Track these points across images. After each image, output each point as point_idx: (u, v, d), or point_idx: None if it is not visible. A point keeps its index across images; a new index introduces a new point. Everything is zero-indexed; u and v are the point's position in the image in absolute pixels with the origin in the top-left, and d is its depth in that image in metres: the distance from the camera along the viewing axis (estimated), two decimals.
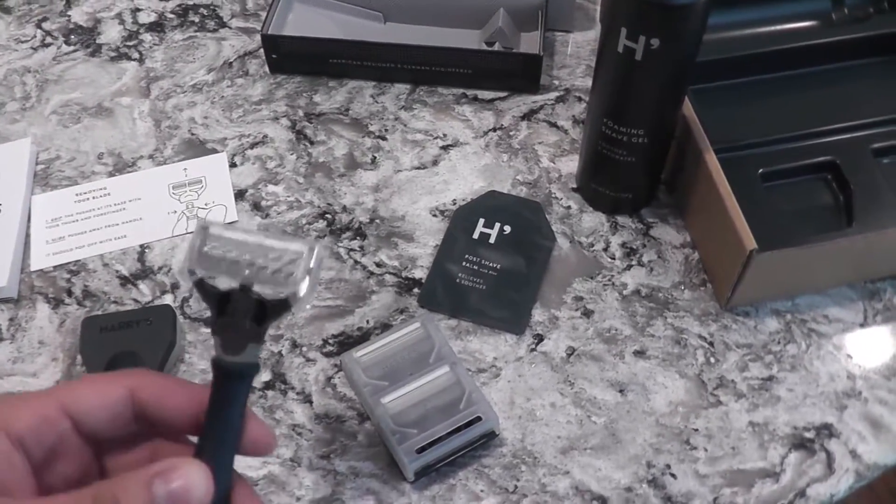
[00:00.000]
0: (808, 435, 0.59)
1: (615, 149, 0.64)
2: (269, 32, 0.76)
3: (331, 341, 0.63)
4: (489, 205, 0.69)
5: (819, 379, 0.62)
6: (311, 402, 0.61)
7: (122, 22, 0.84)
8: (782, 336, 0.63)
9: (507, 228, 0.67)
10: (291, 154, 0.73)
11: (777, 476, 0.58)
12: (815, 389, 0.61)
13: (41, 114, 0.77)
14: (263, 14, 0.84)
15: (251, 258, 0.41)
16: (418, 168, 0.72)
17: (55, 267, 0.67)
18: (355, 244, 0.68)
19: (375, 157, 0.73)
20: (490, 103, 0.77)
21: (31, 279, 0.67)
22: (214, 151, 0.74)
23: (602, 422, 0.60)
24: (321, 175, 0.72)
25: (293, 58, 0.77)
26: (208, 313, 0.63)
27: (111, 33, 0.83)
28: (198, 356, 0.62)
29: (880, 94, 0.73)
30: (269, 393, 0.61)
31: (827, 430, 0.59)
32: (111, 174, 0.72)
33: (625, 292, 0.65)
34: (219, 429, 0.39)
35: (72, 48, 0.82)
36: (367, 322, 0.64)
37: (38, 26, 0.83)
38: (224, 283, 0.41)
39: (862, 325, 0.64)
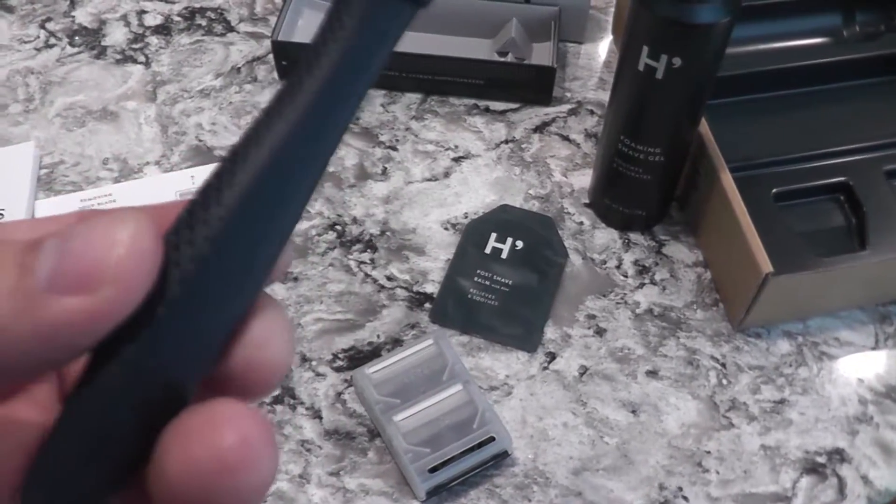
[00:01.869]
0: (820, 459, 0.59)
1: (631, 166, 0.63)
2: (280, 38, 0.75)
3: (341, 356, 0.63)
4: (501, 219, 0.68)
5: (830, 403, 0.61)
6: (320, 418, 0.60)
7: (127, 24, 0.83)
8: (794, 359, 0.63)
9: (520, 244, 0.67)
10: None
11: (788, 500, 0.57)
12: (826, 413, 0.61)
13: (45, 116, 0.76)
14: (272, 18, 0.83)
15: None
16: (429, 180, 0.72)
17: None
18: (366, 257, 0.67)
19: (386, 168, 0.72)
20: (502, 115, 0.76)
21: None
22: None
23: (614, 442, 0.59)
24: (331, 185, 0.71)
25: None
26: None
27: (116, 35, 0.82)
28: None
29: (892, 114, 0.73)
30: (278, 408, 0.60)
31: (838, 455, 0.59)
32: (117, 180, 0.71)
33: (637, 311, 0.65)
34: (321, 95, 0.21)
35: (76, 50, 0.81)
36: (378, 337, 0.63)
37: (42, 27, 0.82)
38: None
39: (873, 349, 0.64)
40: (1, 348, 0.19)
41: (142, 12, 0.84)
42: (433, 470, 0.55)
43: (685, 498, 0.57)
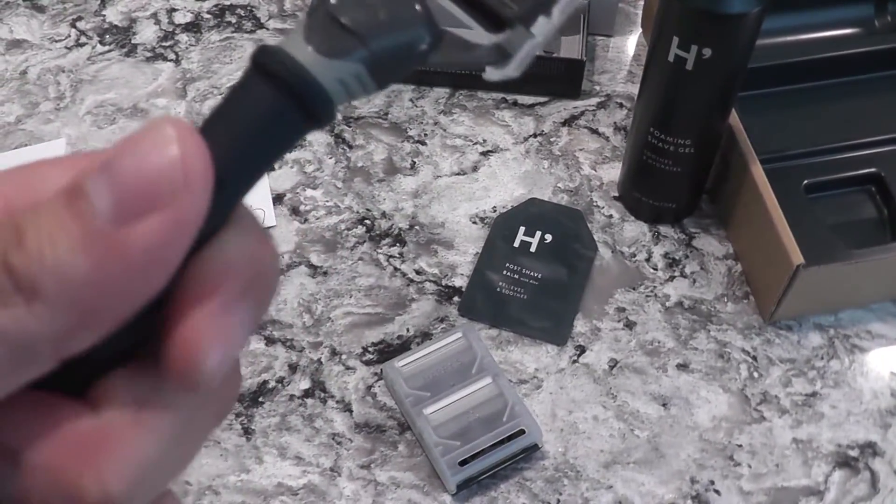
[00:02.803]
0: (852, 453, 0.59)
1: (661, 158, 0.63)
2: None
3: (370, 349, 0.63)
4: (530, 212, 0.68)
5: (862, 396, 0.61)
6: (351, 411, 0.60)
7: (157, 22, 0.83)
8: (825, 351, 0.63)
9: (549, 237, 0.67)
10: (330, 158, 0.73)
11: (821, 494, 0.57)
12: (858, 407, 0.61)
13: (75, 114, 0.76)
14: (301, 15, 0.83)
15: None
16: (458, 174, 0.72)
17: None
18: (395, 251, 0.67)
19: (415, 163, 0.72)
20: (530, 108, 0.76)
21: None
22: None
23: (645, 436, 0.59)
24: (360, 180, 0.71)
25: None
26: None
27: (147, 33, 0.82)
28: None
29: None
30: (309, 401, 0.60)
31: (871, 449, 0.59)
32: None
33: (667, 304, 0.65)
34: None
35: (107, 48, 0.81)
36: (407, 330, 0.63)
37: (73, 25, 0.83)
38: None
39: None
40: (104, 299, 0.19)
41: (172, 10, 0.84)
42: (463, 463, 0.56)
43: (717, 492, 0.57)
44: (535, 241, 0.67)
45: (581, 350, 0.63)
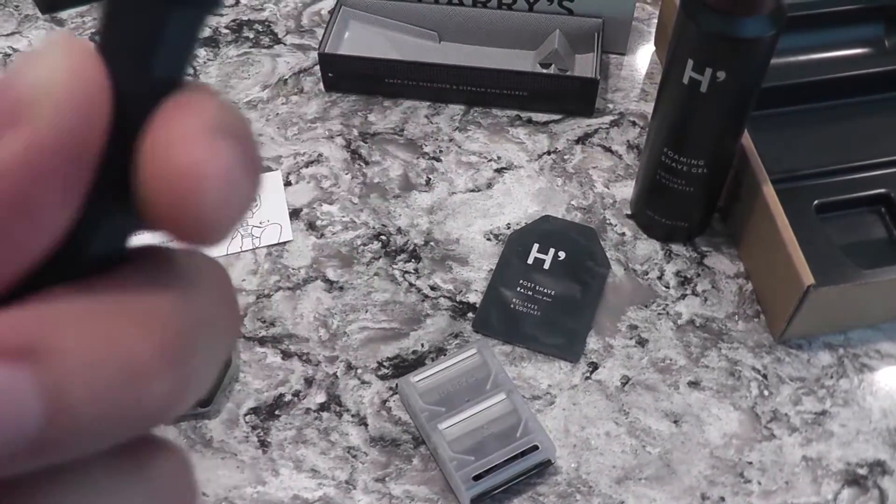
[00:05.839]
0: (861, 471, 0.59)
1: (674, 178, 0.64)
2: (326, 51, 0.76)
3: (386, 364, 0.64)
4: (543, 230, 0.69)
5: (872, 415, 0.62)
6: (366, 425, 0.61)
7: None
8: (835, 370, 0.63)
9: (562, 254, 0.68)
10: (346, 174, 0.74)
11: None
12: (867, 425, 0.61)
13: None
14: (318, 31, 0.84)
15: None
16: (472, 191, 0.73)
17: None
18: (410, 266, 0.68)
19: (430, 179, 0.73)
20: (544, 126, 0.77)
21: None
22: (269, 169, 0.74)
23: (657, 452, 0.60)
24: (376, 196, 0.72)
25: (349, 77, 0.77)
26: (262, 332, 0.63)
27: None
28: (252, 375, 0.63)
29: None
30: (325, 415, 0.61)
31: (880, 467, 0.60)
32: None
33: (679, 322, 0.65)
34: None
35: None
36: (422, 346, 0.64)
37: (92, 39, 0.84)
38: None
39: None
40: None
41: None
42: (477, 478, 0.56)
43: None
44: (548, 258, 0.68)
45: (594, 367, 0.63)
